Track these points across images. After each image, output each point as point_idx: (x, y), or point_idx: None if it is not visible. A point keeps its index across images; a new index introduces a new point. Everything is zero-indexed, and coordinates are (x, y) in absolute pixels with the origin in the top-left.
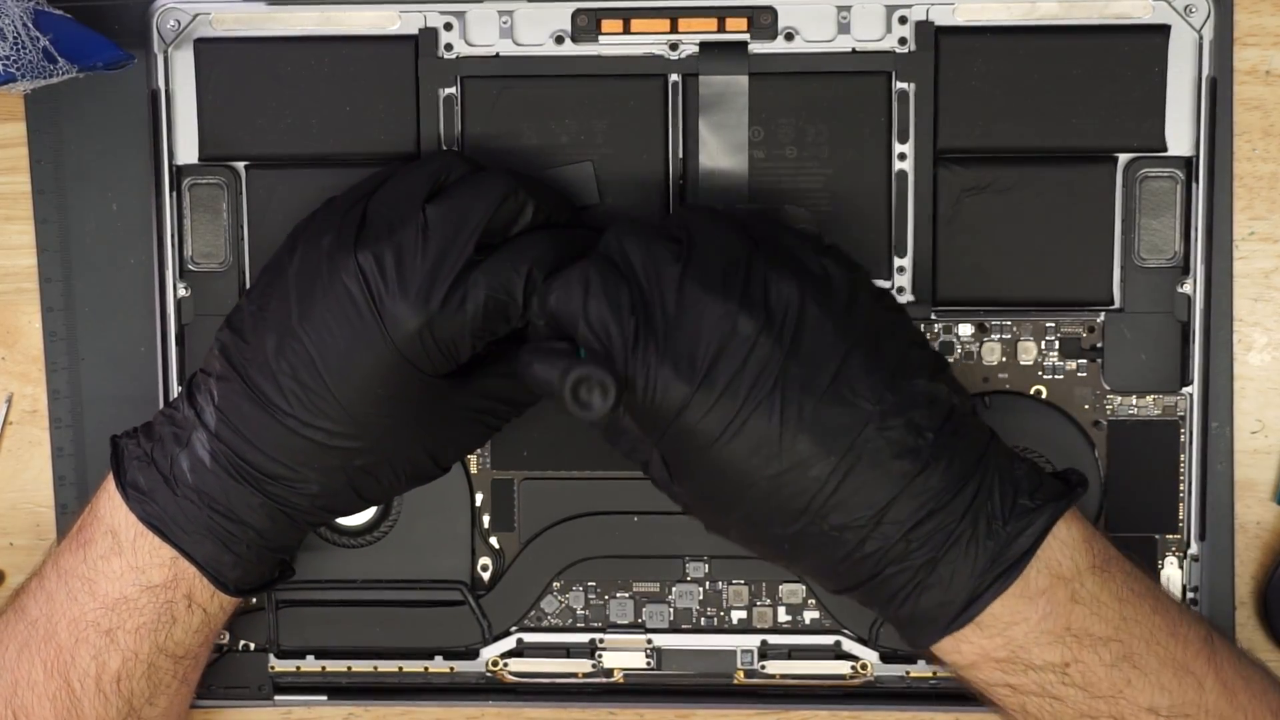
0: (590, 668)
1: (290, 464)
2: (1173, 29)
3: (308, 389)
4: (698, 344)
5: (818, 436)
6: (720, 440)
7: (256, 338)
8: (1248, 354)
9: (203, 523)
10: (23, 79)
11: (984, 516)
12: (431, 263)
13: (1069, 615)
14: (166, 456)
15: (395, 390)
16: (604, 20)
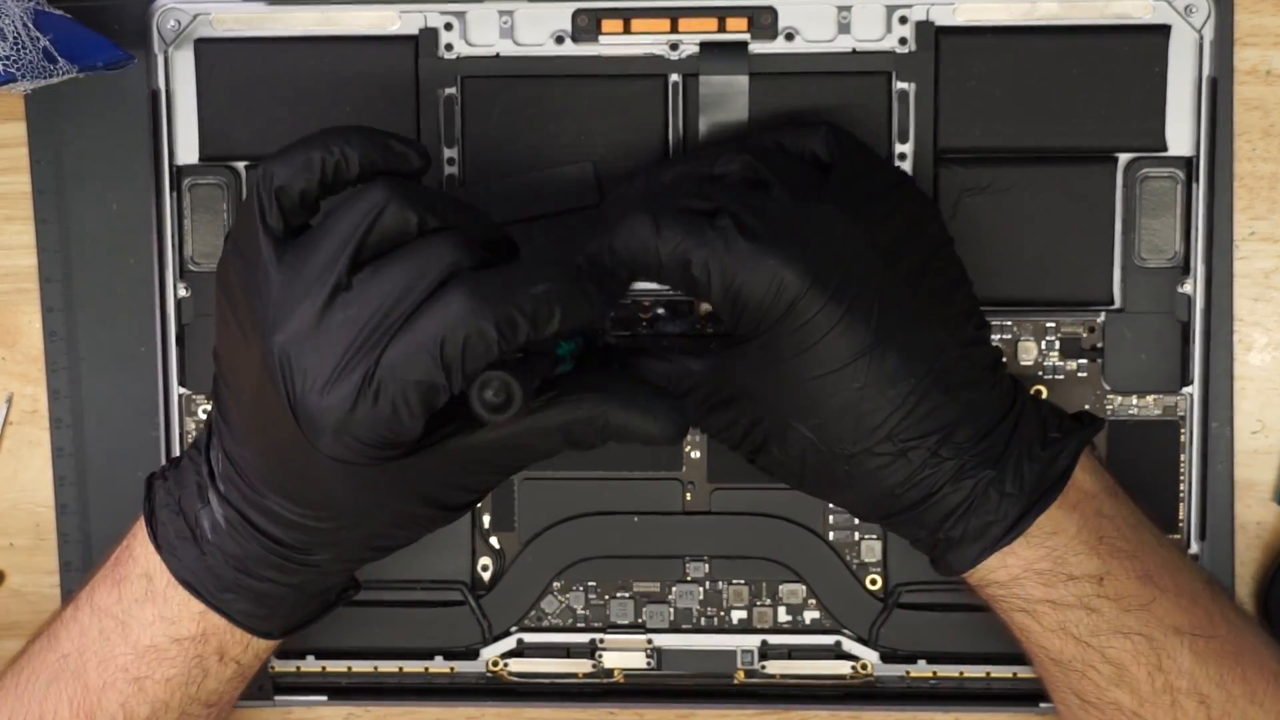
0: (590, 668)
1: (289, 539)
2: (1173, 29)
3: (258, 469)
4: (806, 243)
5: (905, 355)
6: (820, 343)
7: (221, 400)
8: (1248, 354)
9: (231, 580)
10: (23, 79)
11: (1025, 441)
12: (342, 352)
13: (1099, 527)
14: (192, 510)
15: (345, 482)
16: (604, 20)
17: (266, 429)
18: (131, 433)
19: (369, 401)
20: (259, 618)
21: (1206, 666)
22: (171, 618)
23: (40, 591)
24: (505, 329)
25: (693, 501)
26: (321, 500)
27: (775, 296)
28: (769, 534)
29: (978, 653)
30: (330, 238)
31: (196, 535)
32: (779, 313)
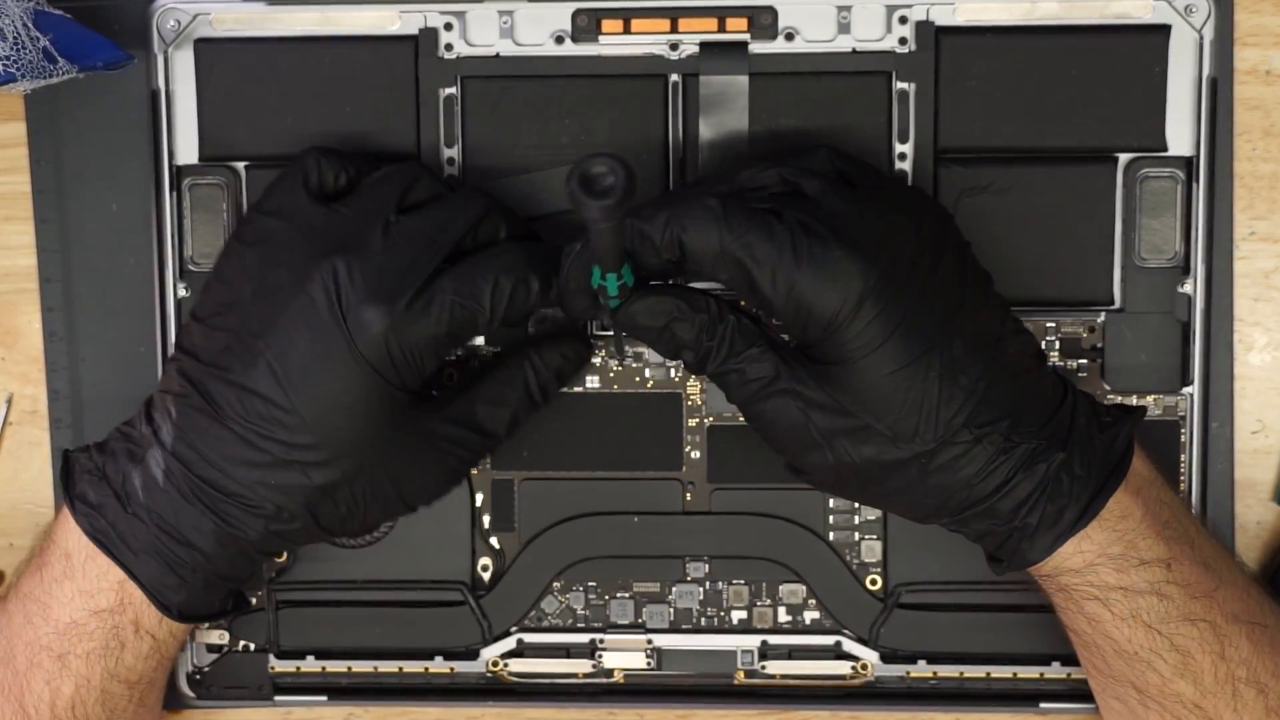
0: (590, 668)
1: (246, 481)
2: (1173, 29)
3: (267, 400)
4: (865, 241)
5: (970, 344)
6: (891, 338)
7: (213, 354)
8: (1248, 354)
9: (149, 542)
10: (23, 79)
11: (1084, 425)
12: (401, 269)
13: (1160, 513)
14: (119, 473)
15: (357, 400)
16: (604, 20)
17: (297, 341)
18: None
19: (420, 308)
20: (168, 587)
21: (1263, 656)
22: (89, 590)
23: None
24: (546, 289)
25: (693, 501)
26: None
27: (844, 296)
28: (769, 534)
29: (978, 653)
30: (374, 191)
31: (121, 496)
32: (849, 312)
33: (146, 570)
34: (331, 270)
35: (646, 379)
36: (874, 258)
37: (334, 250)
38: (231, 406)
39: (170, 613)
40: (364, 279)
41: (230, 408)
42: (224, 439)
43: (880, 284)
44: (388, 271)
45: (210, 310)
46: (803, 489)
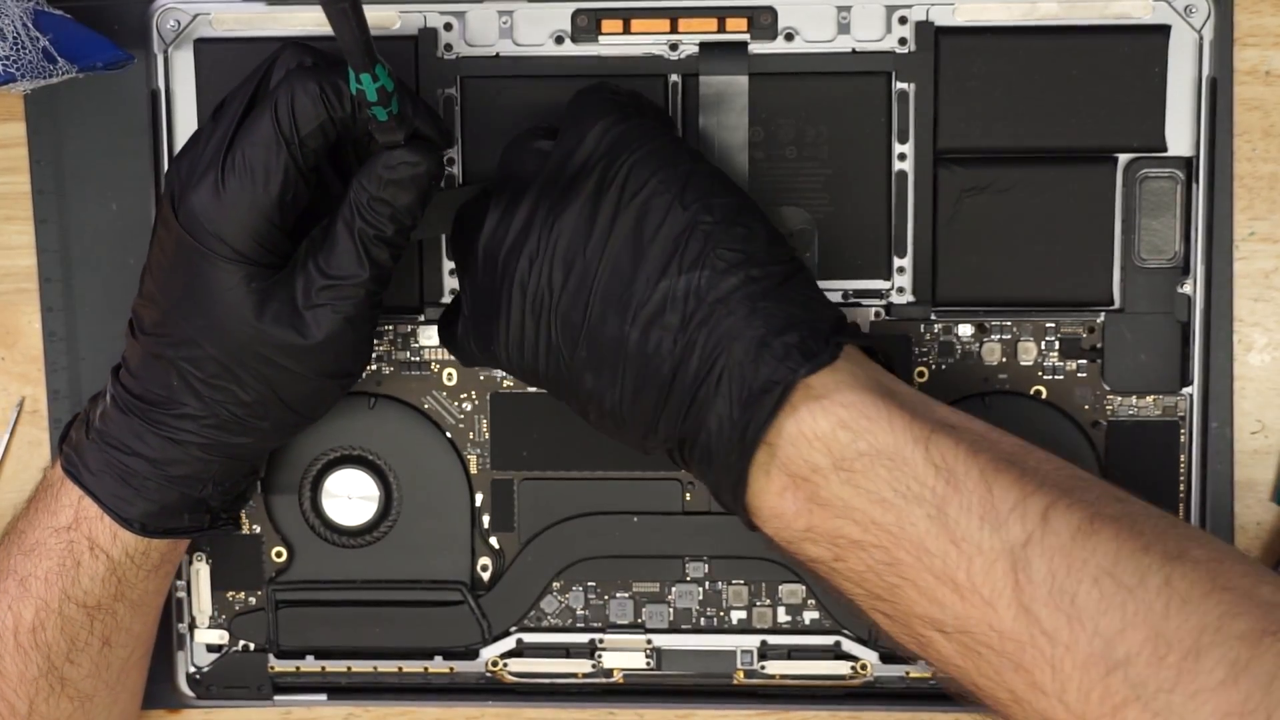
0: (590, 668)
1: (156, 386)
2: (1173, 29)
3: (153, 305)
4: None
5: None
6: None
7: (144, 283)
8: (1248, 354)
9: (104, 460)
10: (23, 79)
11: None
12: (212, 151)
13: (811, 516)
14: (90, 411)
15: (210, 286)
16: (604, 20)
17: (165, 269)
18: None
19: (232, 173)
20: (123, 500)
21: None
22: (53, 509)
23: None
24: (329, 91)
25: (692, 501)
26: (169, 314)
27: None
28: None
29: None
30: (231, 104)
31: (89, 426)
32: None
33: (103, 486)
34: (170, 182)
35: None
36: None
37: (180, 157)
38: (138, 319)
39: (131, 526)
40: (185, 173)
41: (137, 321)
42: (134, 350)
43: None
44: (200, 159)
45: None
46: None
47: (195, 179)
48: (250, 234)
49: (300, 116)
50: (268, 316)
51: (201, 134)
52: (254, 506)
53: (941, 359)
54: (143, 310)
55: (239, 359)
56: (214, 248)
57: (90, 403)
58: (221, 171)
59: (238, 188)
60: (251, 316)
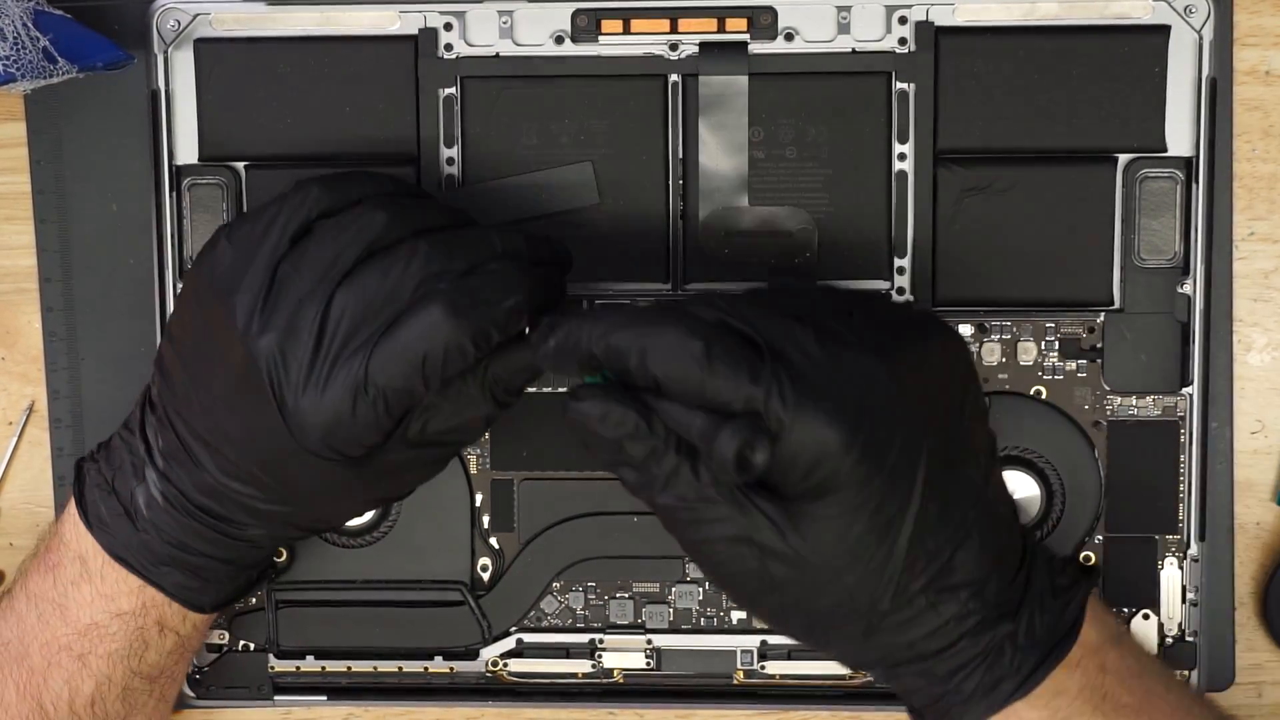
0: (590, 668)
1: (229, 513)
2: (1173, 29)
3: (223, 457)
4: (850, 397)
5: (946, 505)
6: (868, 502)
7: (175, 386)
8: (1248, 354)
9: (166, 555)
10: (23, 79)
11: (1038, 590)
12: (333, 357)
13: (1102, 684)
14: (127, 489)
15: (304, 472)
16: (604, 20)
17: (241, 421)
18: None
19: (364, 401)
20: (194, 590)
21: None
22: (110, 594)
23: None
24: (480, 341)
25: None
26: (287, 492)
27: (824, 452)
28: None
29: None
30: (323, 250)
31: (131, 512)
32: (826, 471)
33: (170, 579)
34: (264, 354)
35: None
36: (857, 418)
37: (268, 325)
38: (198, 451)
39: (204, 609)
40: (293, 369)
41: (197, 452)
42: (204, 481)
43: (861, 448)
44: (316, 361)
45: (177, 331)
46: None
47: (309, 386)
48: (365, 446)
49: (449, 365)
50: (361, 487)
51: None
52: None
53: None
54: (206, 453)
55: (335, 513)
56: (322, 451)
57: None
58: (354, 402)
59: (368, 416)
60: (344, 493)
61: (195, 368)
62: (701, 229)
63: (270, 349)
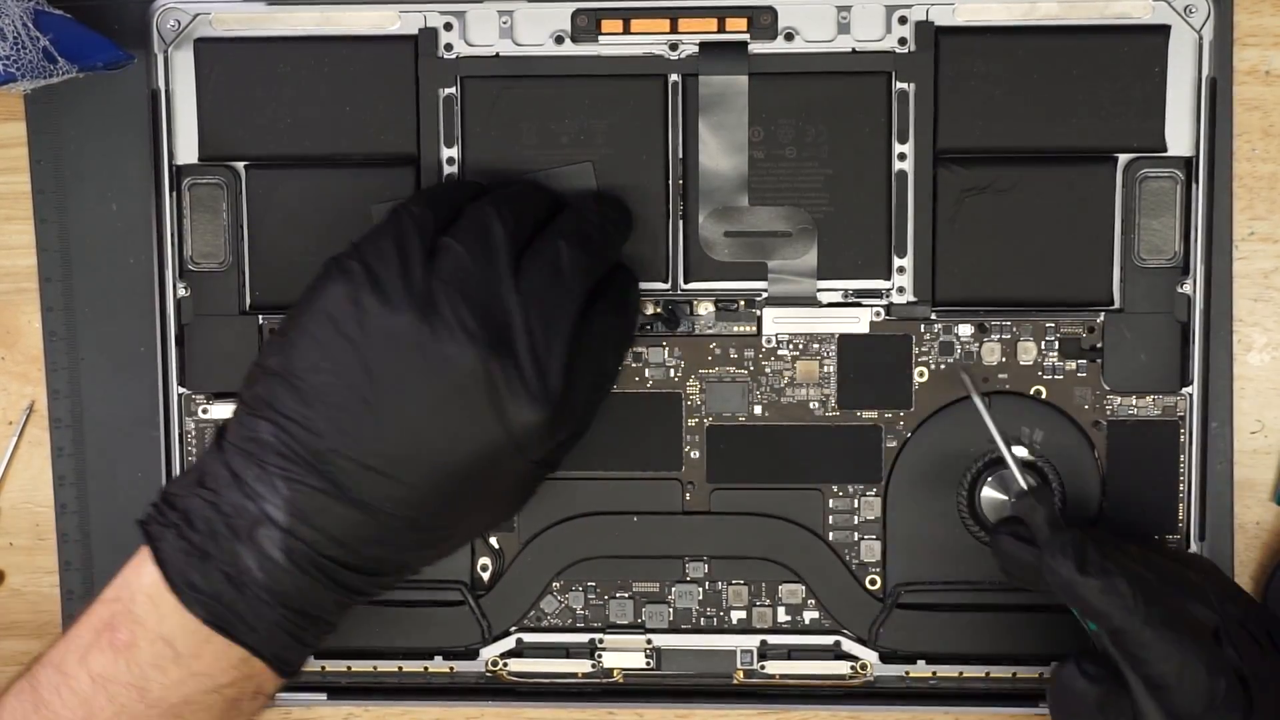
0: (590, 668)
1: (374, 555)
2: (1173, 29)
3: (408, 485)
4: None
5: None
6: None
7: (324, 427)
8: (1247, 354)
9: (275, 620)
10: (23, 79)
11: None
12: (544, 354)
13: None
14: (225, 551)
15: (508, 485)
16: (604, 20)
17: (446, 436)
18: (131, 433)
19: (569, 400)
20: (294, 652)
21: None
22: (206, 671)
23: (40, 591)
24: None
25: (692, 501)
26: (443, 506)
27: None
28: (769, 534)
29: (978, 653)
30: (479, 258)
31: (234, 578)
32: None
33: (273, 646)
34: (481, 357)
35: (646, 379)
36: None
37: (474, 336)
38: (363, 490)
39: (295, 672)
40: (517, 383)
41: (362, 491)
42: (350, 519)
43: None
44: (535, 360)
45: (302, 367)
46: (802, 488)
47: (526, 391)
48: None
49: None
50: (529, 494)
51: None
52: None
53: (941, 359)
54: (379, 483)
55: (472, 533)
56: (537, 453)
57: (166, 522)
58: (565, 399)
59: (578, 410)
60: (518, 498)
61: (378, 397)
62: (701, 229)
63: (479, 361)
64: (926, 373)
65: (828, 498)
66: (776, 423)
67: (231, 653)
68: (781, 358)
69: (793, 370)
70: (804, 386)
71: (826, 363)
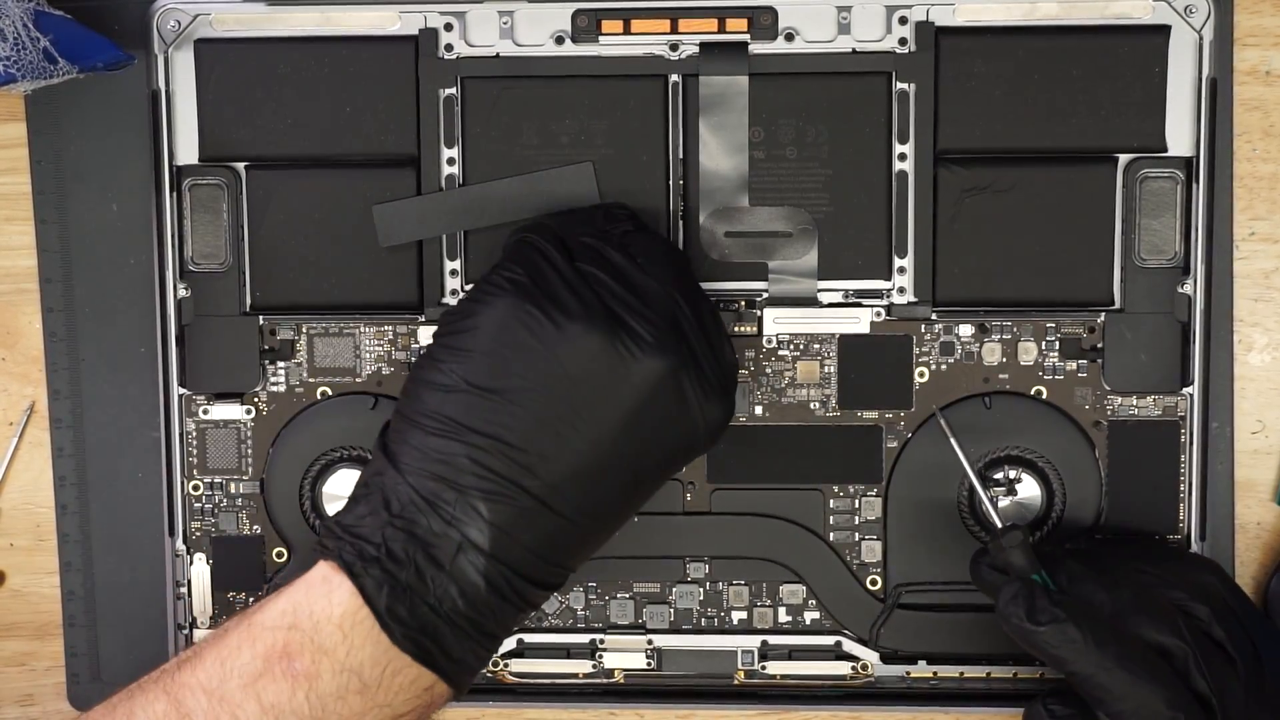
0: (591, 668)
1: (568, 565)
2: (1173, 29)
3: (611, 489)
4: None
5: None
6: None
7: (523, 438)
8: (1248, 354)
9: (471, 649)
10: (23, 79)
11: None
12: (716, 350)
13: None
14: (427, 582)
15: (685, 464)
16: (604, 20)
17: (646, 438)
18: (131, 433)
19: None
20: (476, 672)
21: None
22: (388, 702)
23: (40, 591)
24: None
25: (693, 501)
26: (634, 507)
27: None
28: (769, 534)
29: (978, 653)
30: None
31: (436, 608)
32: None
33: (464, 672)
34: (678, 364)
35: None
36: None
37: (665, 344)
38: (566, 499)
39: (464, 693)
40: (702, 380)
41: (565, 500)
42: (554, 530)
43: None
44: (717, 362)
45: (491, 379)
46: (803, 489)
47: (711, 388)
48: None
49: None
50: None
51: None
52: (254, 508)
53: (941, 359)
54: (590, 493)
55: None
56: (714, 443)
57: (369, 557)
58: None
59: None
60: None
61: (577, 406)
62: (701, 229)
63: (670, 372)
64: (927, 373)
65: (828, 498)
66: (777, 423)
67: (421, 681)
68: (782, 358)
69: (793, 370)
70: (804, 387)
71: (827, 363)
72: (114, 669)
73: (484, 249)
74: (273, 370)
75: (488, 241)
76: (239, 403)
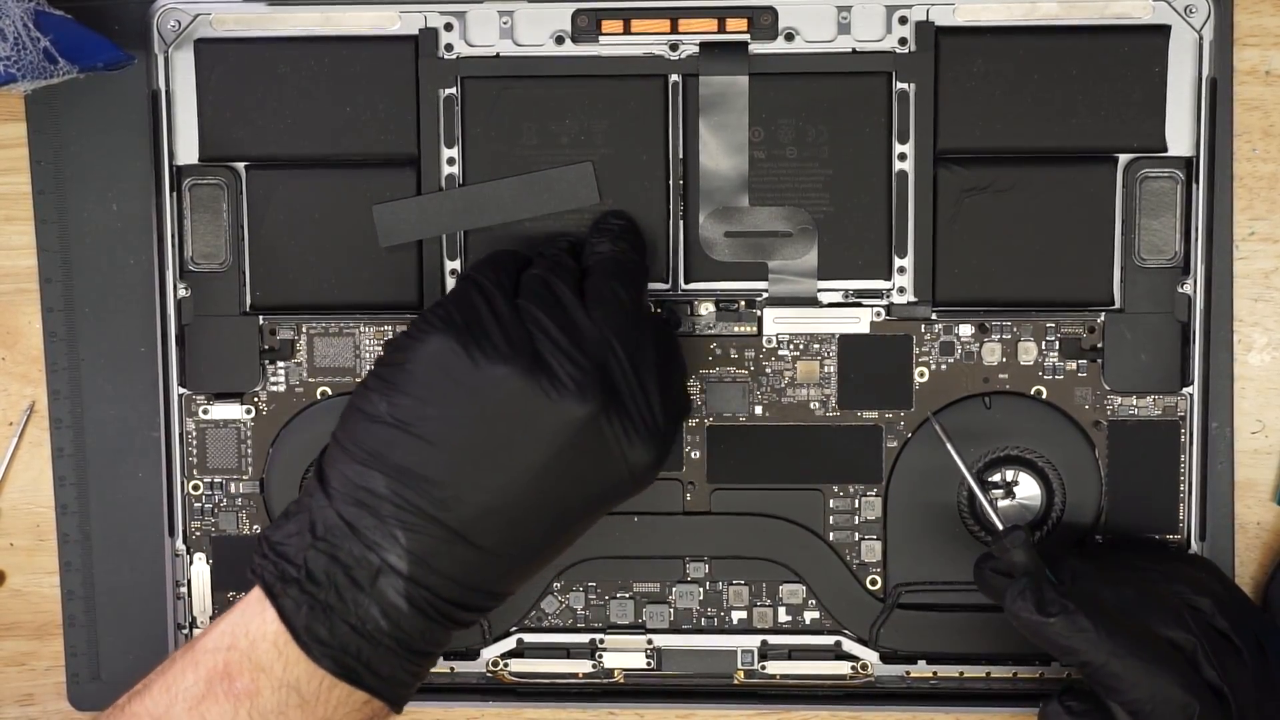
0: (590, 668)
1: (493, 592)
2: (1173, 29)
3: (531, 526)
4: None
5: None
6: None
7: (441, 472)
8: (1248, 354)
9: (400, 665)
10: (23, 79)
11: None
12: (647, 395)
13: None
14: (348, 603)
15: (612, 506)
16: (604, 20)
17: (571, 477)
18: (131, 433)
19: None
20: (412, 687)
21: None
22: (328, 717)
23: (40, 591)
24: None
25: (693, 501)
26: (563, 544)
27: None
28: (769, 534)
29: (978, 653)
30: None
31: (359, 628)
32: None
33: (396, 688)
34: (598, 421)
35: None
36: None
37: (589, 389)
38: (484, 532)
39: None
40: (627, 427)
41: (483, 534)
42: (472, 562)
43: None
44: (647, 407)
45: (415, 414)
46: (802, 489)
47: (640, 431)
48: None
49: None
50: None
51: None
52: (254, 508)
53: (941, 359)
54: (508, 531)
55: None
56: (649, 483)
57: (289, 579)
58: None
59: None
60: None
61: (496, 444)
62: (702, 229)
63: (594, 415)
64: (927, 373)
65: (828, 498)
66: (777, 423)
67: (355, 697)
68: (782, 358)
69: (793, 370)
70: (804, 387)
71: (827, 363)
72: (114, 669)
73: (484, 249)
74: (273, 370)
75: (488, 241)
76: (239, 403)
